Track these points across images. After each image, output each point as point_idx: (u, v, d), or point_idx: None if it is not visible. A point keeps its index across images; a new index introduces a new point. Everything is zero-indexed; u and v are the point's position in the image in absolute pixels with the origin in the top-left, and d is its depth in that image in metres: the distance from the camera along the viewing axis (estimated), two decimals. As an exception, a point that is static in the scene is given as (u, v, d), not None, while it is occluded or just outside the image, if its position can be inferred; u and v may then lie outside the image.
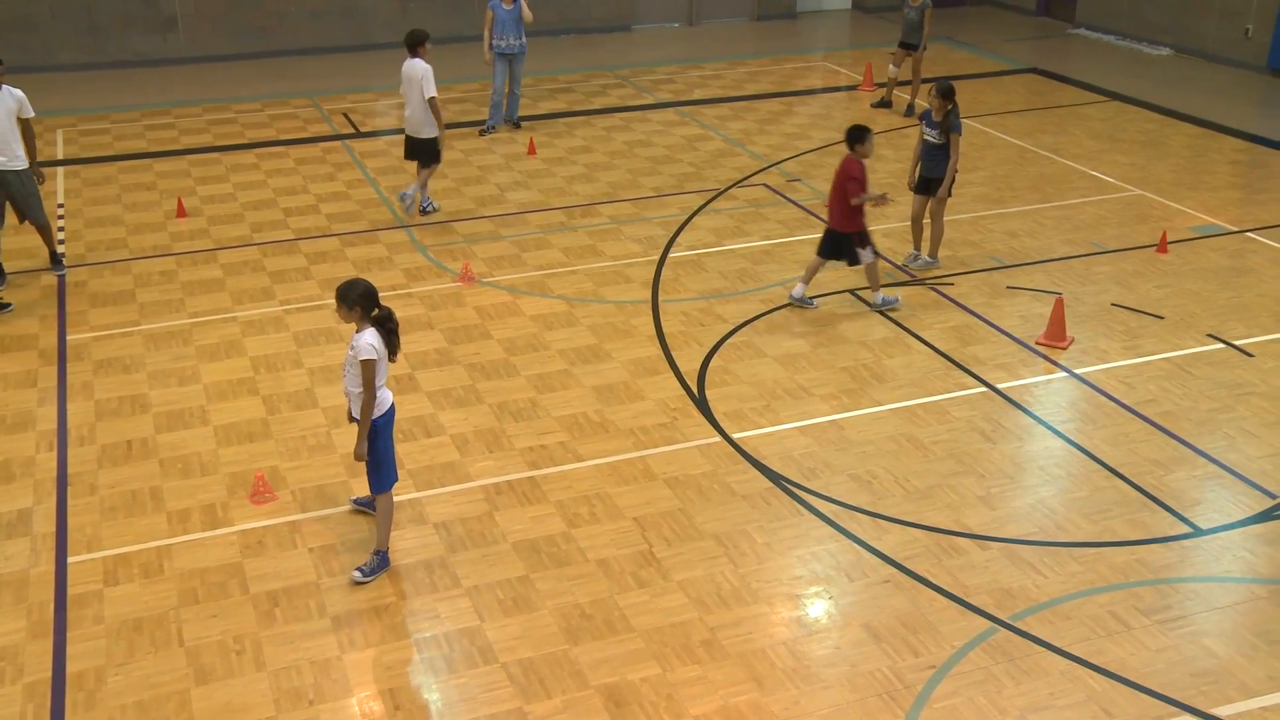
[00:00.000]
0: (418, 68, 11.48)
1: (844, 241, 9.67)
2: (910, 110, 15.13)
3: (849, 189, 9.48)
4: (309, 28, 18.47)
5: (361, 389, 6.40)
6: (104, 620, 6.34)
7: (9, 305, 9.92)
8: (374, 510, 6.91)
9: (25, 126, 10.03)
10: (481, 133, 14.45)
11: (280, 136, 14.62)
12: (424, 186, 11.87)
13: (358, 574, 6.66)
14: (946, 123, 10.10)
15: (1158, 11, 18.49)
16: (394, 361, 6.53)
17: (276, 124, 15.15)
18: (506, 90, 14.37)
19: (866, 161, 9.57)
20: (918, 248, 10.74)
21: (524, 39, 14.05)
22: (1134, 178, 12.90)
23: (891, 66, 15.40)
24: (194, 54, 18.02)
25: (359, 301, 6.33)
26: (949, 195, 10.34)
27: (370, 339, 6.33)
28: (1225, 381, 8.71)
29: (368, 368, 6.32)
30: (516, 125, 14.58)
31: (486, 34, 14.02)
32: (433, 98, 11.43)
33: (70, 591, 6.57)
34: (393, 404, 6.62)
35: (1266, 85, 16.56)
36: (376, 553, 6.74)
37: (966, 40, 19.37)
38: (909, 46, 15.12)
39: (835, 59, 18.47)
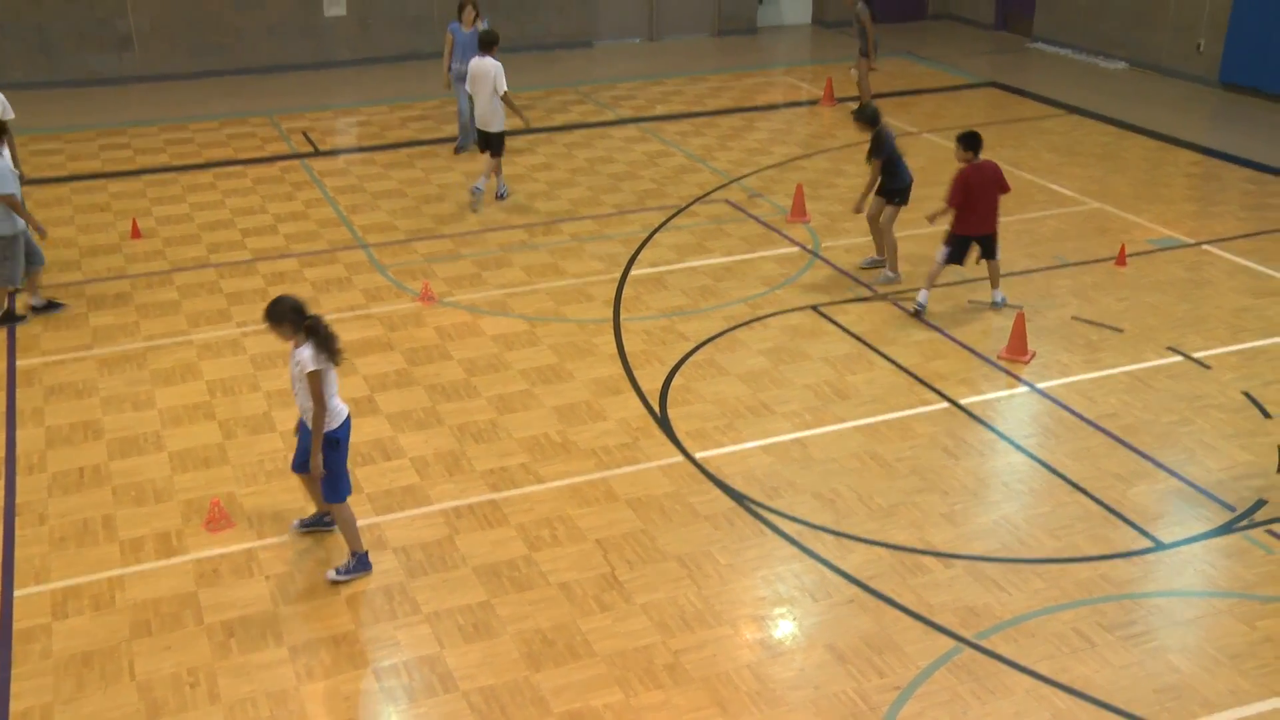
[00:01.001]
0: (490, 65, 12.16)
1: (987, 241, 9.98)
2: None
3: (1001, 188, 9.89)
4: (267, 46, 18.32)
5: (313, 404, 6.37)
6: (52, 655, 6.19)
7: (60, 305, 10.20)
8: (324, 528, 6.91)
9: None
10: (455, 152, 14.37)
11: (238, 156, 14.47)
12: (498, 172, 12.63)
13: (333, 573, 6.70)
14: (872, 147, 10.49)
15: (1112, 26, 18.68)
16: (338, 365, 6.49)
17: (234, 143, 14.99)
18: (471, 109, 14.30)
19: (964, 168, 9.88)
20: (880, 253, 10.80)
21: None
22: (1093, 191, 12.99)
23: (851, 71, 15.61)
24: (150, 72, 17.82)
25: (288, 317, 6.37)
26: (895, 210, 10.63)
27: (309, 351, 6.31)
28: (1184, 394, 8.76)
29: (314, 380, 6.30)
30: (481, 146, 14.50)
31: (446, 56, 13.96)
32: (506, 93, 12.14)
33: (16, 626, 6.41)
34: (348, 416, 6.61)
35: (1219, 99, 16.75)
36: (354, 554, 6.74)
37: (926, 55, 19.49)
38: (862, 53, 15.37)
39: (796, 74, 18.52)
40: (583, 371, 9.13)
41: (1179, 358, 9.29)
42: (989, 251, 10.02)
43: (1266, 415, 8.46)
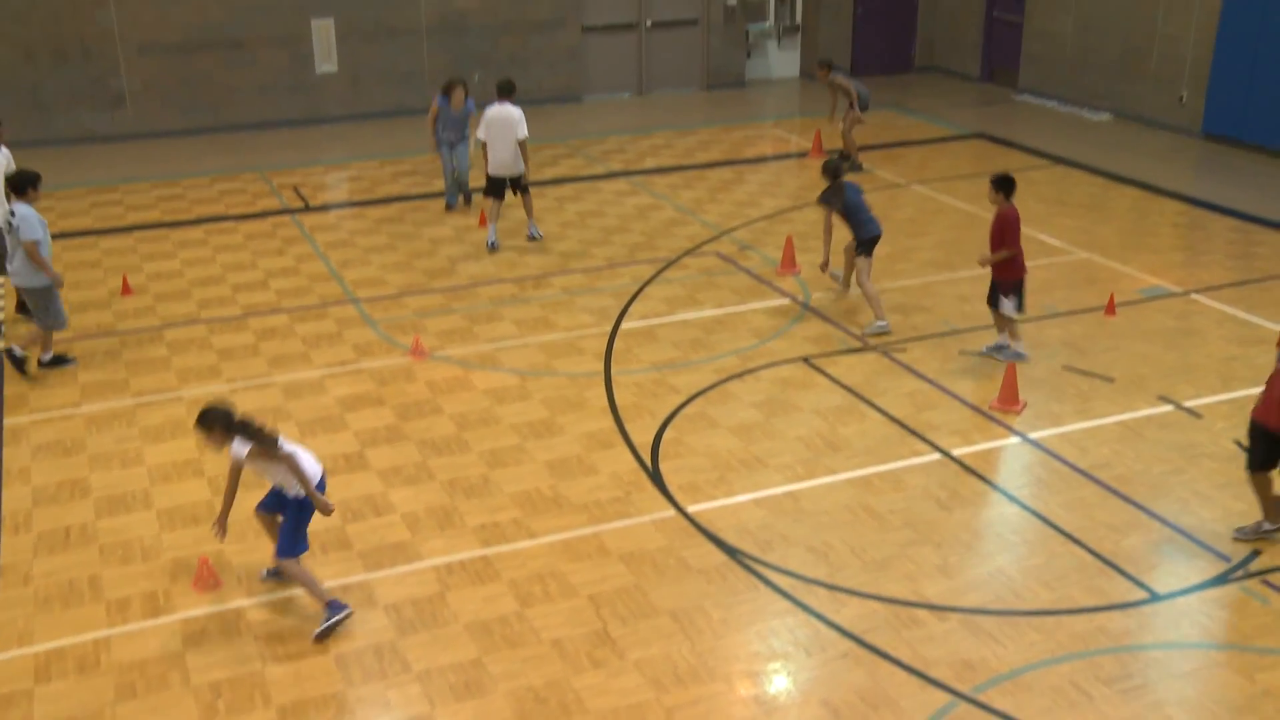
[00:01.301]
0: (512, 112, 12.65)
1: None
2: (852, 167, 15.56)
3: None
4: (259, 103, 18.44)
5: (292, 487, 6.63)
6: None
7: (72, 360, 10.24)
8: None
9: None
10: (446, 209, 14.40)
11: (229, 211, 14.51)
12: (530, 212, 13.22)
13: (317, 632, 6.67)
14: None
15: (1097, 78, 18.91)
16: (278, 434, 6.61)
17: (225, 199, 15.04)
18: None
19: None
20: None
21: (466, 133, 14.22)
22: (1081, 240, 13.07)
23: (839, 122, 15.87)
24: (142, 130, 17.92)
25: (215, 423, 6.51)
26: (866, 262, 10.82)
27: (237, 444, 6.50)
28: (1177, 444, 8.75)
29: (238, 470, 6.57)
30: (467, 199, 14.58)
31: (430, 126, 14.11)
32: (524, 139, 12.67)
33: None
34: (323, 476, 6.85)
35: (1202, 149, 16.92)
36: (325, 606, 6.70)
37: (913, 106, 19.68)
38: (851, 106, 15.71)
39: (785, 126, 18.69)
40: (574, 425, 9.10)
41: (1170, 407, 9.30)
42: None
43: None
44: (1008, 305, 9.87)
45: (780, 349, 10.39)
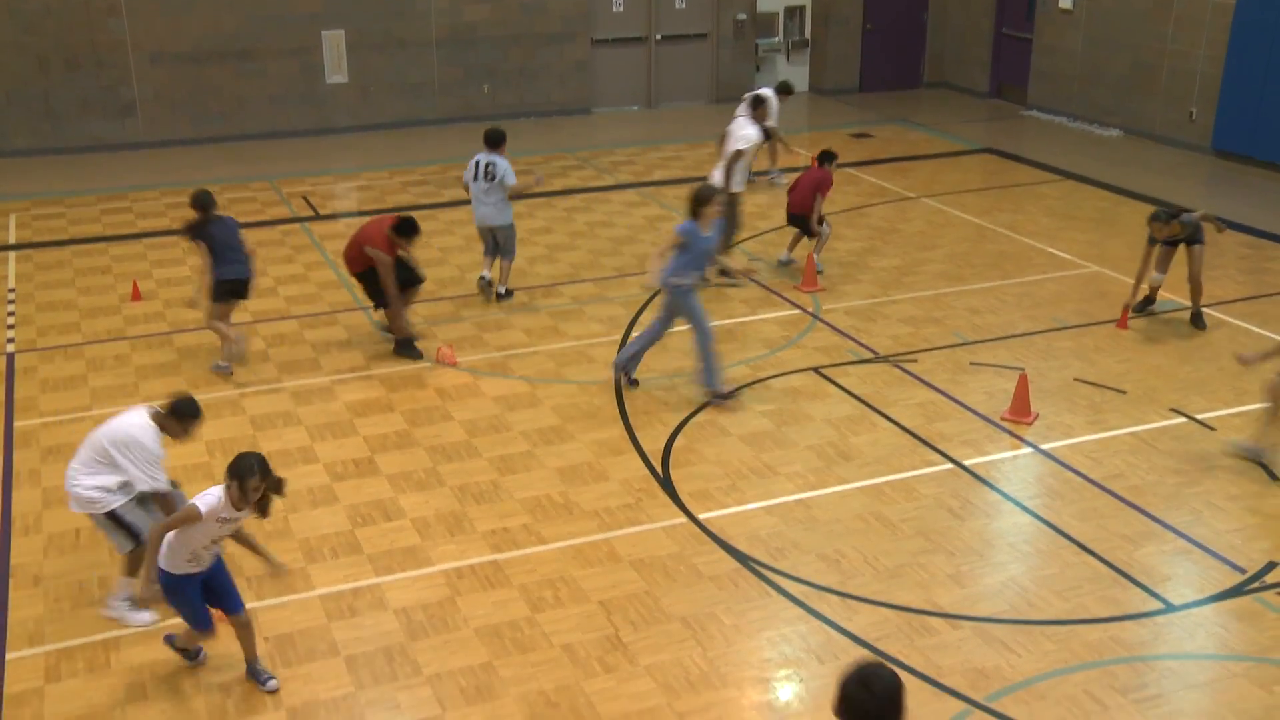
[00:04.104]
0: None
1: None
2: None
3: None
4: (269, 112, 18.49)
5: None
6: (43, 719, 6.06)
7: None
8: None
9: None
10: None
11: (239, 220, 14.48)
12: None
13: (272, 683, 6.31)
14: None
15: (1106, 95, 18.92)
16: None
17: (235, 207, 15.04)
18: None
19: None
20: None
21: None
22: (1091, 254, 13.05)
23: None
24: (153, 139, 17.96)
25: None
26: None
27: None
28: (1190, 455, 8.71)
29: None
30: None
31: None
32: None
33: (7, 690, 6.29)
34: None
35: (1212, 165, 16.90)
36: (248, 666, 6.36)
37: (922, 121, 19.70)
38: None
39: (793, 141, 18.65)
40: (584, 433, 9.07)
41: (1183, 419, 9.26)
42: None
43: (1274, 477, 8.41)
44: None
45: (791, 359, 10.37)
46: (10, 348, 10.66)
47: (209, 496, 5.95)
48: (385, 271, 10.10)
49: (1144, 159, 17.17)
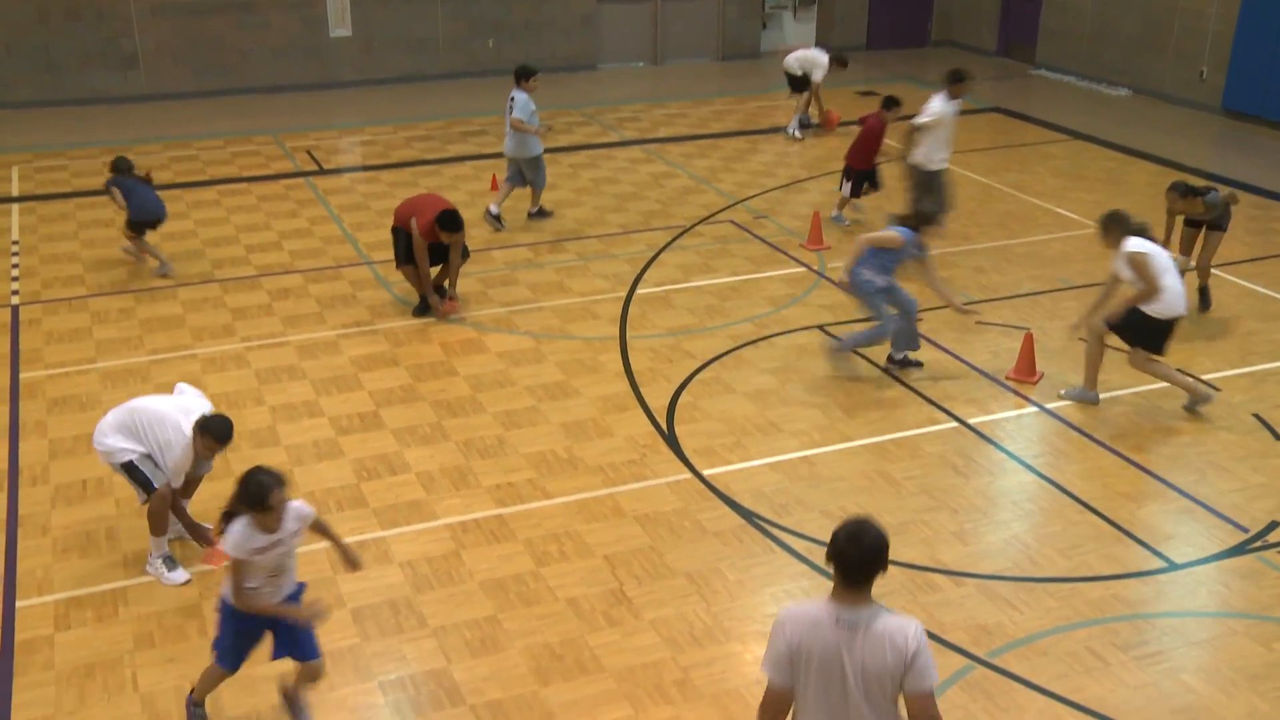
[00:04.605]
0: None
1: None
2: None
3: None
4: (272, 66, 18.36)
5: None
6: (54, 666, 6.11)
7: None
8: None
9: None
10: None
11: (242, 173, 14.47)
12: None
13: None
14: None
15: (1115, 54, 18.77)
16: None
17: (239, 161, 15.00)
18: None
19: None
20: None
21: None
22: (1098, 214, 12.92)
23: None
24: (155, 91, 17.85)
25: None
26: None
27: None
28: (1194, 415, 8.71)
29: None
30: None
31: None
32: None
33: (18, 637, 6.33)
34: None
35: (1222, 125, 16.80)
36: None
37: (929, 80, 19.53)
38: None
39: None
40: (589, 389, 9.08)
41: (1188, 379, 9.25)
42: None
43: (1278, 437, 8.41)
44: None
45: (795, 316, 10.35)
46: (15, 299, 10.65)
47: (232, 536, 5.24)
48: (418, 244, 10.11)
49: (1153, 118, 17.06)
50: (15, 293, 10.80)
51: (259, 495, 5.18)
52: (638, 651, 6.26)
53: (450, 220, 10.01)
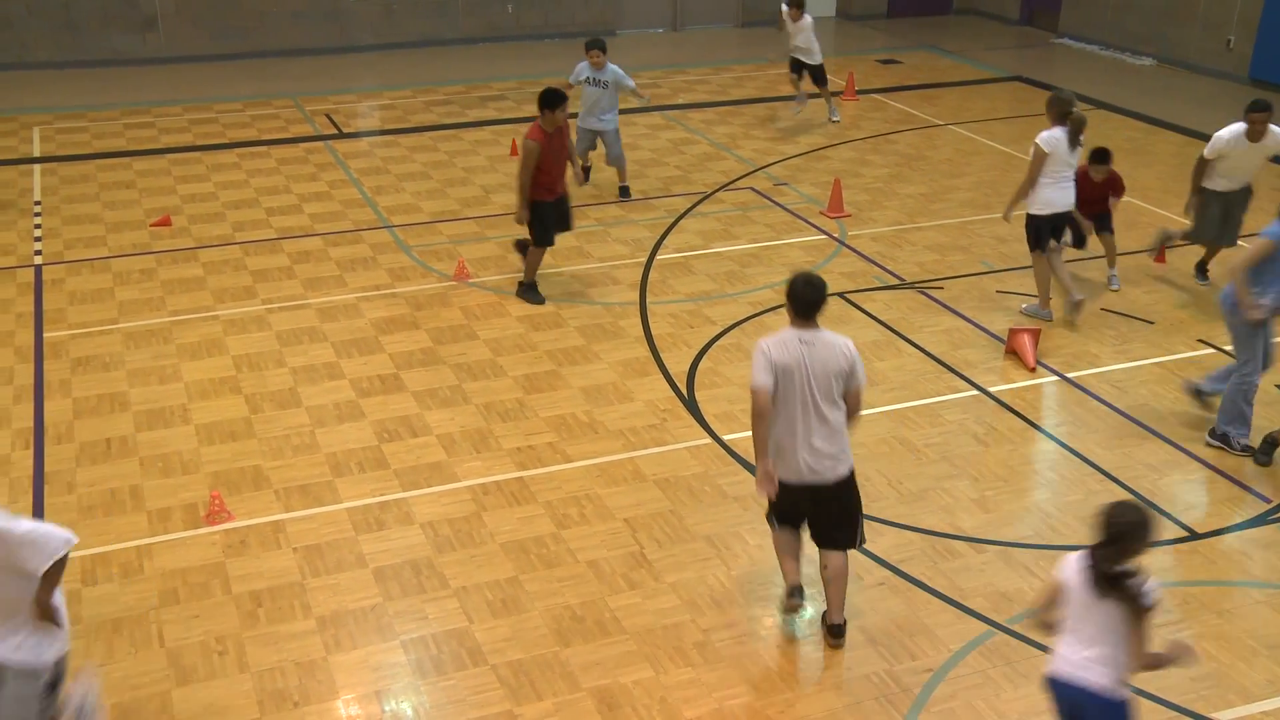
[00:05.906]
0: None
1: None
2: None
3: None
4: (291, 29, 18.31)
5: None
6: (82, 621, 6.17)
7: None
8: None
9: None
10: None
11: (262, 136, 14.46)
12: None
13: None
14: None
15: (1140, 22, 18.57)
16: None
17: (258, 124, 14.99)
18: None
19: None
20: None
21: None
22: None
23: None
24: (174, 54, 17.83)
25: None
26: None
27: None
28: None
29: None
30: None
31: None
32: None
33: (47, 591, 6.39)
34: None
35: (1248, 95, 16.48)
36: None
37: (951, 48, 19.39)
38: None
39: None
40: (609, 353, 9.08)
41: (1210, 350, 9.22)
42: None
43: (1300, 408, 8.38)
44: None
45: (816, 284, 10.31)
46: (38, 260, 10.70)
47: None
48: (525, 157, 9.36)
49: (1178, 88, 16.90)
50: (38, 253, 10.85)
51: None
52: (658, 614, 6.30)
53: (549, 95, 9.34)
